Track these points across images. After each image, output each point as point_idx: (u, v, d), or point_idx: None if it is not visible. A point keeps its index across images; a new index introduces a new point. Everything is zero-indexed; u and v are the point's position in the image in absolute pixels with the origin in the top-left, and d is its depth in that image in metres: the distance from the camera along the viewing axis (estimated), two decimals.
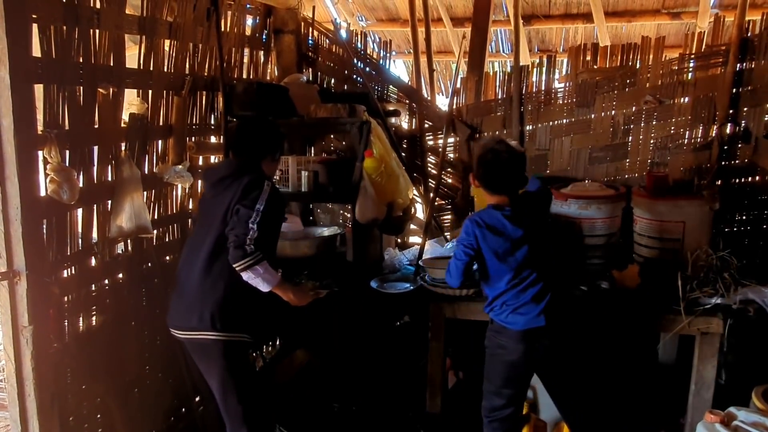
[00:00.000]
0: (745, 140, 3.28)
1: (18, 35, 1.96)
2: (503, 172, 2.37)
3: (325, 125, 3.25)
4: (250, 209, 2.21)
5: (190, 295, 2.29)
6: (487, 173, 2.39)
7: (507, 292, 2.37)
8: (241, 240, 2.17)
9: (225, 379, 2.30)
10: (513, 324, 2.36)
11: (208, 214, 2.37)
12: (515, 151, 2.39)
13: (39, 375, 2.13)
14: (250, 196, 2.24)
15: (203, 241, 2.30)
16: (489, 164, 2.37)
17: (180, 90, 2.87)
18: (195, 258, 2.31)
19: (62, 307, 2.32)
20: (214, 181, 2.40)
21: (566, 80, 3.74)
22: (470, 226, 2.37)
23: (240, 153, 2.47)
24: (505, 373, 2.43)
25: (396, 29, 5.88)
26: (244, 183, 2.27)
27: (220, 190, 2.34)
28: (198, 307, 2.26)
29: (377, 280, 3.12)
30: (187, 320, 2.28)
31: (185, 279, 2.34)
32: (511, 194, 2.39)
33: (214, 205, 2.33)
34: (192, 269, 2.30)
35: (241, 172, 2.34)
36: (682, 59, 3.40)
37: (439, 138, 3.93)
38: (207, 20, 3.03)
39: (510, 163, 2.36)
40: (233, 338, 2.29)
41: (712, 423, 2.32)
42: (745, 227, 3.38)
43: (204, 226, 2.36)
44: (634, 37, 5.30)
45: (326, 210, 4.11)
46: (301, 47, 3.98)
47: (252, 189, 2.26)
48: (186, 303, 2.30)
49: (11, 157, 1.98)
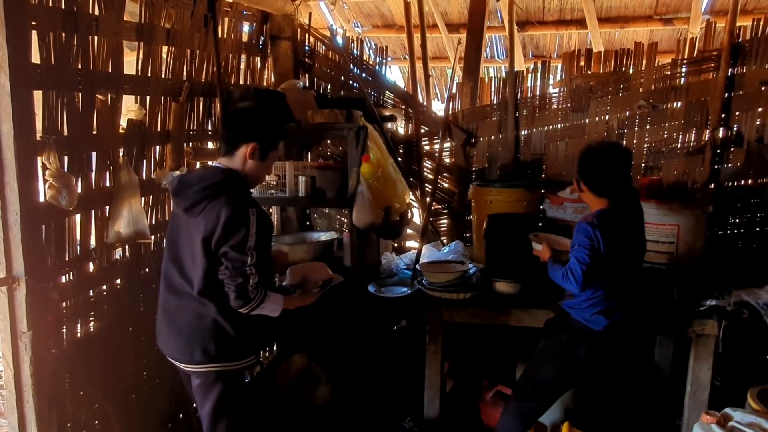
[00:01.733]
0: (737, 144, 3.32)
1: (18, 42, 1.97)
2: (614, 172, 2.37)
3: (322, 130, 3.27)
4: (241, 253, 1.99)
5: (186, 331, 2.11)
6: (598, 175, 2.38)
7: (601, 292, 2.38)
8: (243, 288, 2.00)
9: (218, 407, 2.17)
10: (596, 324, 2.39)
11: (184, 237, 2.10)
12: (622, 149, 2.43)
13: (38, 381, 2.13)
14: (236, 236, 1.97)
15: (190, 275, 2.07)
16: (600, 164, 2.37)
17: (178, 96, 2.88)
18: (183, 291, 2.10)
19: (61, 313, 2.32)
20: (187, 205, 2.05)
21: (560, 85, 3.78)
22: (589, 229, 2.30)
23: (221, 147, 2.17)
24: (563, 370, 2.46)
25: (392, 35, 5.92)
26: (224, 218, 1.96)
27: (195, 213, 2.04)
28: (199, 343, 2.09)
29: (375, 284, 3.14)
30: (190, 355, 2.12)
31: (176, 311, 2.13)
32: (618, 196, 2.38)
33: (189, 229, 2.06)
34: (183, 303, 2.10)
35: (215, 194, 2.01)
36: (675, 64, 3.45)
37: (435, 143, 3.95)
38: (204, 27, 3.05)
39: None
40: (237, 366, 2.18)
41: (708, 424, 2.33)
42: (738, 230, 3.42)
43: (185, 250, 2.09)
44: (627, 42, 5.35)
45: (323, 215, 4.12)
46: (297, 53, 4.01)
47: (236, 226, 1.98)
48: (185, 338, 2.11)
49: (11, 163, 1.98)
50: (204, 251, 2.01)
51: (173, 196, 2.11)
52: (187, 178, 2.11)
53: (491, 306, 2.88)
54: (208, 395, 2.17)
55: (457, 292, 2.87)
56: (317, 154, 4.11)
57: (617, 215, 2.35)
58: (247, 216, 2.00)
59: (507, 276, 2.90)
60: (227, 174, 2.09)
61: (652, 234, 3.00)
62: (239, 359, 2.16)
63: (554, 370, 2.47)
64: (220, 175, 2.07)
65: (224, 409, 2.18)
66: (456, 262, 3.15)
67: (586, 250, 2.28)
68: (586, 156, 2.40)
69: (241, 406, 2.24)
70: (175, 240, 2.14)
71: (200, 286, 2.05)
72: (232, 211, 1.98)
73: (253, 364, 2.23)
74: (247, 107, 2.27)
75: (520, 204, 3.23)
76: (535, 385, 2.51)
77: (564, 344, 2.46)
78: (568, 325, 2.46)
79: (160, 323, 2.22)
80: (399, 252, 3.93)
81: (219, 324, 2.08)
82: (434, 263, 3.19)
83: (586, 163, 2.40)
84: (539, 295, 2.83)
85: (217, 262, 2.03)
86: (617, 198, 2.37)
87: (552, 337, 2.52)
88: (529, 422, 2.55)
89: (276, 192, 3.28)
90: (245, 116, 2.21)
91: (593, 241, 2.28)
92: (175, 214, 2.17)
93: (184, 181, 2.09)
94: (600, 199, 2.38)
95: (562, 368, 2.46)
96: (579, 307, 2.43)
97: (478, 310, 2.90)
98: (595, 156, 2.39)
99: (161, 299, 2.22)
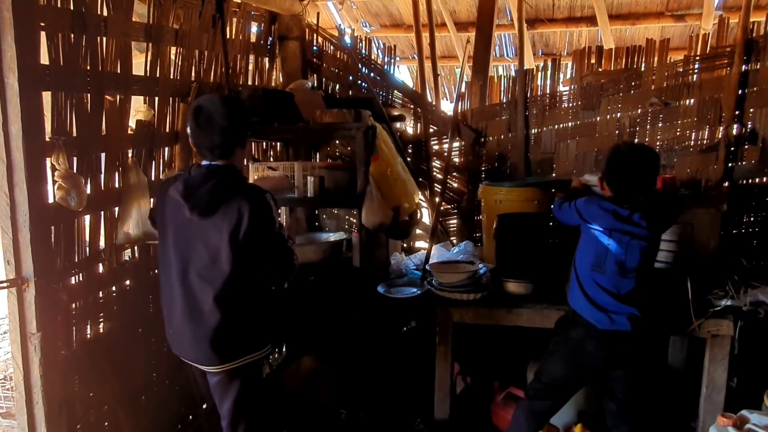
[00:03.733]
0: (752, 141, 3.27)
1: (26, 43, 1.97)
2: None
3: (331, 130, 3.25)
4: (279, 234, 2.12)
5: (201, 332, 2.07)
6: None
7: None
8: (291, 263, 2.19)
9: (239, 403, 2.18)
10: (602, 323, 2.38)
11: (197, 241, 2.06)
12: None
13: (47, 382, 2.13)
14: (270, 226, 2.07)
15: (207, 278, 2.05)
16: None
17: (186, 97, 2.88)
18: (197, 295, 2.07)
19: (70, 314, 2.32)
20: (202, 206, 2.02)
21: (571, 83, 3.74)
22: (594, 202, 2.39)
23: (210, 151, 2.06)
24: (574, 367, 2.46)
25: (400, 35, 5.91)
26: (249, 211, 1.99)
27: (211, 213, 2.02)
28: (215, 343, 2.07)
29: (384, 285, 3.12)
30: (205, 356, 2.11)
31: (190, 313, 2.08)
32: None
33: (204, 232, 2.04)
34: (197, 305, 2.07)
35: (228, 191, 2.03)
36: (687, 61, 3.40)
37: (444, 142, 3.93)
38: (212, 27, 3.05)
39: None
40: (253, 358, 2.18)
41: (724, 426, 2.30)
42: (753, 228, 3.36)
43: (201, 255, 2.05)
44: (638, 39, 5.31)
45: (332, 216, 4.11)
46: (305, 53, 4.00)
47: (262, 215, 2.04)
48: (200, 339, 2.08)
49: (20, 163, 1.98)
50: (231, 247, 2.00)
51: (185, 201, 2.02)
52: (192, 180, 2.05)
53: (502, 306, 2.85)
54: (227, 393, 2.17)
55: (467, 292, 2.85)
56: (326, 154, 4.10)
57: (629, 223, 2.31)
58: (267, 202, 2.07)
59: (518, 276, 2.87)
60: (229, 169, 2.08)
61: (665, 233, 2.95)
62: (253, 352, 2.16)
63: (565, 367, 2.44)
64: (224, 172, 2.06)
65: (244, 404, 2.19)
66: (466, 262, 3.12)
67: (575, 203, 2.41)
68: (613, 159, 2.36)
69: (260, 401, 2.27)
70: (186, 248, 2.08)
71: (220, 288, 2.03)
72: (254, 203, 2.02)
73: (268, 354, 2.25)
74: (226, 113, 2.07)
75: (530, 203, 3.19)
76: (547, 383, 2.48)
77: (573, 340, 2.43)
78: (576, 321, 2.43)
79: (175, 327, 2.16)
80: (408, 252, 3.91)
81: (232, 323, 2.08)
82: (444, 263, 3.16)
83: (613, 167, 2.35)
84: (550, 296, 2.80)
85: (248, 255, 2.03)
86: (637, 204, 2.32)
87: (562, 334, 2.50)
88: (542, 421, 2.52)
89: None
90: (237, 123, 2.10)
91: (586, 208, 2.37)
92: (182, 222, 2.07)
93: (189, 184, 2.04)
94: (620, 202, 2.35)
95: (573, 365, 2.43)
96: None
97: (489, 311, 2.87)
98: (622, 161, 2.33)
99: (172, 304, 2.14)
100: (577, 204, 2.41)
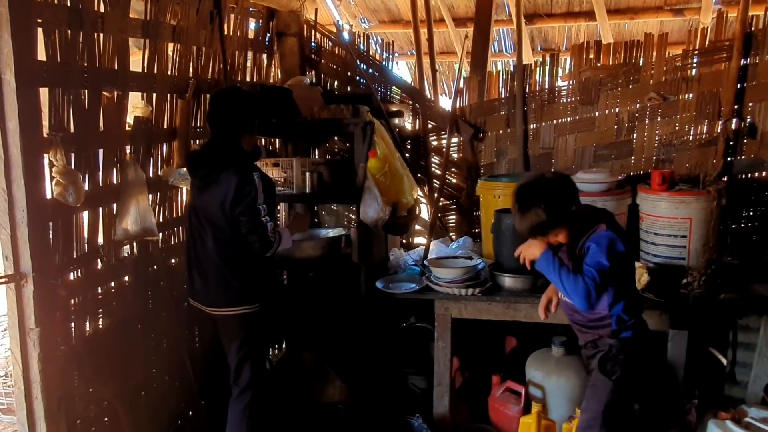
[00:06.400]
0: (750, 135, 3.27)
1: (23, 39, 1.96)
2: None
3: (329, 126, 3.25)
4: (254, 210, 2.37)
5: (209, 281, 2.50)
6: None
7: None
8: (264, 237, 2.40)
9: (242, 346, 2.54)
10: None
11: (202, 205, 2.49)
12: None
13: (46, 377, 2.13)
14: (248, 199, 2.35)
15: (206, 235, 2.47)
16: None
17: (184, 93, 2.87)
18: (205, 249, 2.49)
19: (69, 310, 2.32)
20: (201, 174, 2.47)
21: (569, 78, 3.74)
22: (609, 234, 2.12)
23: (218, 131, 2.50)
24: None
25: (398, 30, 5.90)
26: (235, 184, 2.34)
27: (208, 183, 2.43)
28: (218, 291, 2.50)
29: (383, 280, 3.12)
30: (210, 300, 2.54)
31: (203, 263, 2.51)
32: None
33: (204, 199, 2.47)
34: (207, 257, 2.49)
35: (225, 162, 2.40)
36: (686, 55, 3.40)
37: (443, 138, 3.93)
38: (210, 24, 3.04)
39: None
40: (249, 310, 2.52)
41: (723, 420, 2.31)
42: (752, 223, 3.36)
43: (201, 218, 2.49)
44: (636, 34, 5.29)
45: (331, 212, 4.11)
46: (303, 50, 3.99)
47: (246, 189, 2.35)
48: (208, 287, 2.52)
49: (17, 159, 1.98)
50: (222, 214, 2.39)
51: (191, 174, 2.51)
52: (197, 152, 2.64)
53: (500, 302, 2.85)
54: (232, 336, 2.56)
55: (465, 287, 2.85)
56: (324, 150, 4.10)
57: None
58: (253, 179, 2.37)
59: (516, 271, 2.87)
60: (232, 146, 2.45)
61: (664, 228, 2.96)
62: (247, 304, 2.51)
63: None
64: (226, 148, 2.44)
65: (247, 348, 2.55)
66: (464, 258, 3.12)
67: (599, 263, 2.06)
68: (552, 198, 2.11)
69: (261, 349, 2.72)
70: (196, 214, 2.52)
71: (213, 245, 2.45)
72: (240, 177, 2.36)
73: (263, 311, 2.58)
74: (225, 103, 2.52)
75: None
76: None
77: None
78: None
79: (192, 276, 2.58)
80: (407, 248, 3.91)
81: (227, 276, 2.47)
82: (443, 259, 3.17)
83: (557, 204, 2.11)
84: None
85: (234, 222, 2.39)
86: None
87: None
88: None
89: (283, 189, 3.27)
90: (231, 115, 2.48)
91: (611, 251, 2.07)
92: (194, 196, 2.54)
93: (195, 155, 2.57)
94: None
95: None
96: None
97: (487, 306, 2.88)
98: (560, 192, 2.14)
99: (191, 257, 2.57)
100: (603, 261, 2.07)
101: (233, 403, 2.60)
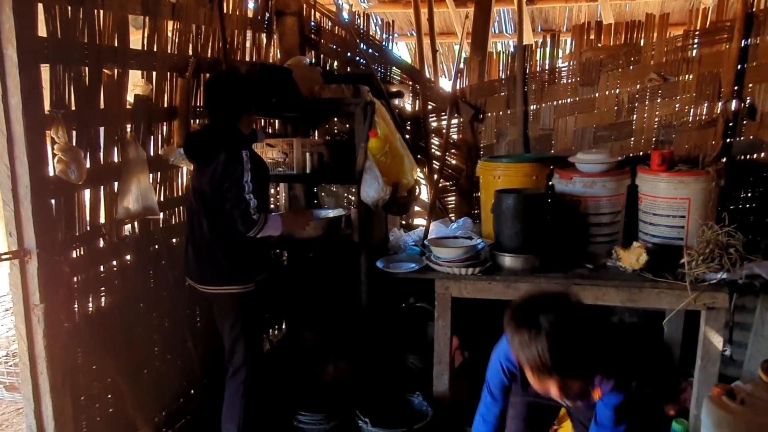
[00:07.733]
0: (750, 116, 3.28)
1: (24, 15, 1.95)
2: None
3: (330, 106, 3.24)
4: (239, 186, 2.39)
5: (202, 260, 2.57)
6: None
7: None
8: (245, 214, 2.39)
9: (234, 325, 2.59)
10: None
11: (198, 186, 2.55)
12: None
13: (51, 353, 2.16)
14: (234, 175, 2.39)
15: (202, 216, 2.53)
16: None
17: (184, 72, 2.86)
18: (201, 229, 2.54)
19: (72, 287, 2.34)
20: (197, 157, 2.55)
21: (570, 59, 3.72)
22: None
23: (214, 115, 2.57)
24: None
25: (398, 10, 5.85)
26: (222, 160, 2.40)
27: (203, 165, 2.50)
28: (210, 269, 2.56)
29: (383, 260, 3.13)
30: (202, 278, 2.60)
31: (198, 242, 2.58)
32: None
33: (200, 180, 2.52)
34: (201, 236, 2.55)
35: (218, 144, 2.45)
36: (687, 36, 3.38)
37: (443, 119, 3.92)
38: (209, 2, 3.02)
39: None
40: (245, 289, 2.57)
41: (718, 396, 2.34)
42: (750, 204, 3.38)
43: (198, 199, 2.56)
44: (637, 14, 5.26)
45: (331, 193, 4.11)
46: (303, 29, 3.96)
47: (232, 166, 2.39)
48: (202, 265, 2.59)
49: (20, 136, 1.99)
50: (213, 193, 2.44)
51: (188, 156, 2.57)
52: (193, 133, 2.74)
53: (500, 281, 2.87)
54: (225, 315, 2.61)
55: (465, 266, 2.87)
56: (324, 131, 4.09)
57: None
58: (241, 156, 2.40)
59: (516, 251, 2.89)
60: (230, 130, 2.51)
61: (663, 208, 2.97)
62: (238, 284, 2.55)
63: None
64: (223, 131, 2.50)
65: (240, 327, 2.59)
66: (464, 237, 3.14)
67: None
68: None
69: (254, 329, 2.72)
70: (194, 195, 2.59)
71: (206, 223, 2.51)
72: (227, 153, 2.41)
73: (255, 291, 2.62)
74: (221, 86, 2.58)
75: (528, 179, 3.20)
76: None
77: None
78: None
79: (187, 254, 2.64)
80: (407, 229, 3.92)
81: (218, 255, 2.52)
82: (442, 238, 3.18)
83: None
84: (548, 270, 2.83)
85: (223, 199, 2.42)
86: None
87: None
88: None
89: (283, 169, 3.27)
90: (227, 98, 2.54)
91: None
92: (193, 177, 2.63)
93: (192, 137, 2.64)
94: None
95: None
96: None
97: (487, 285, 2.89)
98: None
99: (189, 236, 2.64)
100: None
101: (228, 382, 2.65)
